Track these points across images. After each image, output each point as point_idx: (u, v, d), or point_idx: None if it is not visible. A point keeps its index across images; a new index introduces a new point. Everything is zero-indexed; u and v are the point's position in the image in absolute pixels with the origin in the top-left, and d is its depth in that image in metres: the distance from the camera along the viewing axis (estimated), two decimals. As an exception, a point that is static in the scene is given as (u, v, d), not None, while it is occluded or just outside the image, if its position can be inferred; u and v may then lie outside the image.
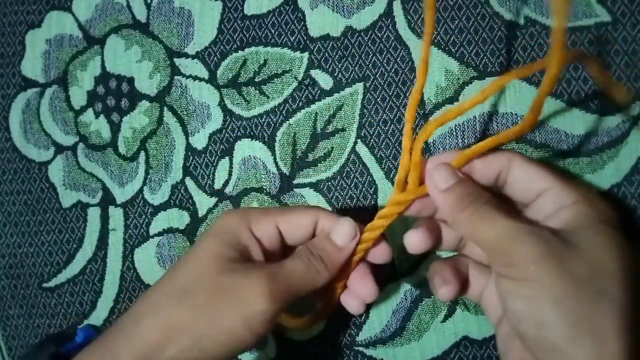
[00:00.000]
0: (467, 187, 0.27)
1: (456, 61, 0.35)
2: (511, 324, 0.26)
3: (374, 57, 0.37)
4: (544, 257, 0.24)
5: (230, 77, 0.40)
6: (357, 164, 0.37)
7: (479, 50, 0.35)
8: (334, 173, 0.38)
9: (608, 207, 0.27)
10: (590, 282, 0.24)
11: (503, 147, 0.32)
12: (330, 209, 0.38)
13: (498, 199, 0.28)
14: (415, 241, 0.29)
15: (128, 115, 0.42)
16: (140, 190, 0.42)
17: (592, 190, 0.27)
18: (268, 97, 0.39)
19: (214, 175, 0.40)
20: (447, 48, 0.36)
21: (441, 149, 0.36)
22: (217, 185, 0.40)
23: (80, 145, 0.43)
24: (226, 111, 0.40)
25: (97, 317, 0.42)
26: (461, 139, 0.35)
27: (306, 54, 0.38)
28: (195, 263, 0.27)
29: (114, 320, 0.27)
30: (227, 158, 0.40)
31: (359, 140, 0.37)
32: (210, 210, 0.40)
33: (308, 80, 0.38)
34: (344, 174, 0.38)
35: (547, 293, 0.24)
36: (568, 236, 0.25)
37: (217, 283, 0.26)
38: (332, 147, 0.38)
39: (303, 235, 0.30)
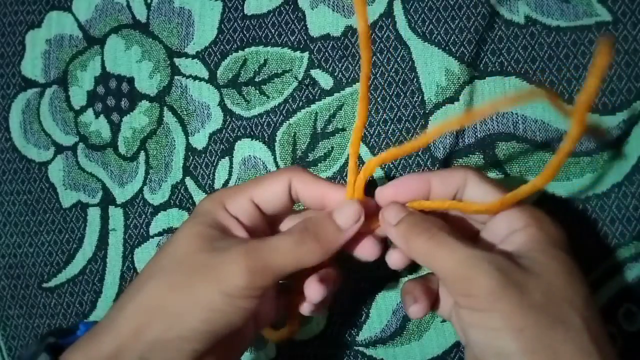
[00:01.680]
0: (419, 216, 0.27)
1: (457, 61, 0.35)
2: (474, 352, 0.25)
3: (374, 57, 0.37)
4: (503, 287, 0.23)
5: (230, 77, 0.40)
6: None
7: (480, 50, 0.35)
8: (334, 173, 0.38)
9: (558, 229, 0.27)
10: (548, 309, 0.23)
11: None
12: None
13: (451, 224, 0.27)
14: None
15: (128, 115, 0.42)
16: (140, 190, 0.42)
17: (542, 213, 0.27)
18: (268, 97, 0.39)
19: (214, 175, 0.40)
20: (447, 48, 0.36)
21: (441, 148, 0.36)
22: (217, 185, 0.40)
23: (80, 145, 0.43)
24: (226, 111, 0.40)
25: (97, 317, 0.42)
26: (461, 138, 0.35)
27: (306, 54, 0.38)
28: (175, 245, 0.27)
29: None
30: (227, 158, 0.40)
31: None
32: (210, 210, 0.40)
33: (308, 80, 0.38)
34: (344, 173, 0.38)
35: (507, 323, 0.23)
36: (523, 261, 0.25)
37: (196, 261, 0.26)
38: (332, 147, 0.38)
39: (280, 204, 0.29)
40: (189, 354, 0.25)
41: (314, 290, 0.28)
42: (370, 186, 0.30)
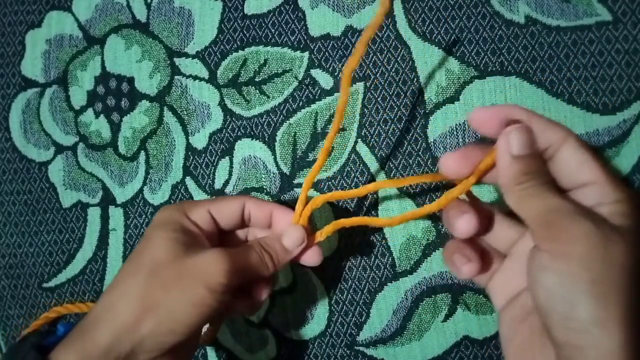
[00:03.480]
0: (535, 165, 0.27)
1: (457, 60, 0.35)
2: (537, 301, 0.25)
3: (374, 57, 0.37)
4: (591, 236, 0.24)
5: (230, 77, 0.40)
6: (358, 163, 0.37)
7: (480, 50, 0.35)
8: (334, 172, 0.38)
9: None
10: (629, 271, 0.24)
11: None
12: (331, 209, 0.38)
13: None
14: (463, 223, 0.29)
15: (128, 115, 0.42)
16: (141, 190, 0.42)
17: (631, 190, 0.28)
18: (268, 97, 0.39)
19: (214, 175, 0.40)
20: (447, 47, 0.36)
21: (442, 148, 0.36)
22: (218, 185, 0.40)
23: (81, 145, 0.43)
24: (226, 111, 0.40)
25: (98, 317, 0.42)
26: (462, 138, 0.35)
27: (306, 54, 0.38)
28: (153, 249, 0.30)
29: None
30: (227, 158, 0.40)
31: (359, 140, 0.37)
32: (210, 210, 0.40)
33: (308, 80, 0.38)
34: (345, 173, 0.38)
35: (587, 273, 0.24)
36: (613, 226, 0.25)
37: (180, 262, 0.29)
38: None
39: (233, 219, 0.33)
40: (172, 345, 0.28)
41: (263, 291, 0.33)
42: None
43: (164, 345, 0.28)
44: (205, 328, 0.36)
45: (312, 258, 0.33)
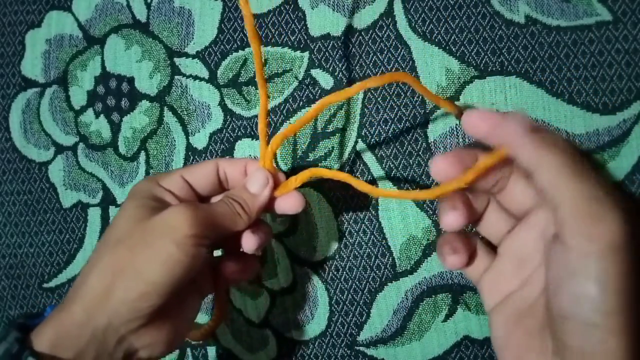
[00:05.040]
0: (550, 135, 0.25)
1: (457, 60, 0.35)
2: (559, 305, 0.24)
3: (374, 57, 0.37)
4: (627, 241, 0.23)
5: (230, 77, 0.40)
6: (358, 163, 0.37)
7: (480, 50, 0.35)
8: (334, 172, 0.38)
9: None
10: (636, 278, 0.23)
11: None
12: (331, 208, 0.38)
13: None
14: (450, 219, 0.28)
15: (128, 115, 0.42)
16: (141, 190, 0.42)
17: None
18: (268, 97, 0.39)
19: (214, 175, 0.40)
20: (447, 47, 0.36)
21: (442, 148, 0.36)
22: (218, 185, 0.40)
23: (81, 145, 0.43)
24: (226, 111, 0.40)
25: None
26: (462, 138, 0.35)
27: (307, 54, 0.38)
28: (121, 218, 0.30)
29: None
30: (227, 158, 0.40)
31: (359, 140, 0.37)
32: (210, 210, 0.40)
33: (309, 80, 0.38)
34: (345, 172, 0.37)
35: (616, 280, 0.23)
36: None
37: (146, 222, 0.29)
38: (332, 147, 0.38)
39: (209, 184, 0.32)
40: (148, 312, 0.27)
41: (249, 240, 0.32)
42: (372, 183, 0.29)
43: (140, 312, 0.27)
44: (201, 324, 0.36)
45: (290, 204, 0.32)
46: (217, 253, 0.35)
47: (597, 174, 0.24)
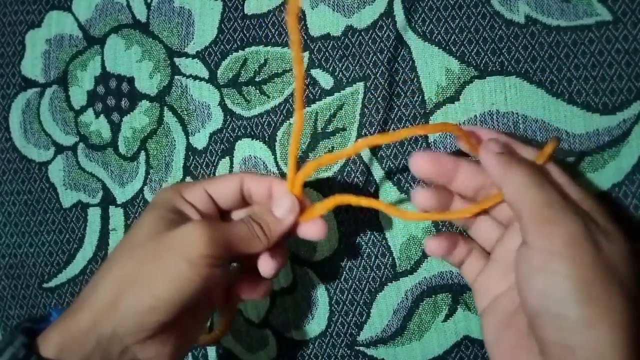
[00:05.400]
0: (519, 157, 0.29)
1: (457, 60, 0.35)
2: (528, 301, 0.26)
3: (374, 57, 0.37)
4: (585, 236, 0.25)
5: (230, 77, 0.40)
6: (358, 163, 0.37)
7: (480, 50, 0.35)
8: (334, 172, 0.38)
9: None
10: (614, 272, 0.24)
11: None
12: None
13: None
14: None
15: (128, 115, 0.42)
16: (141, 190, 0.42)
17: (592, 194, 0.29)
18: (268, 97, 0.39)
19: (214, 175, 0.40)
20: (447, 47, 0.36)
21: (442, 148, 0.36)
22: (218, 185, 0.40)
23: (81, 145, 0.43)
24: (226, 111, 0.40)
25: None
26: (462, 138, 0.35)
27: (307, 54, 0.38)
28: (139, 227, 0.29)
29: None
30: (227, 158, 0.40)
31: (359, 140, 0.37)
32: (210, 210, 0.40)
33: (309, 80, 0.38)
34: (345, 173, 0.38)
35: (578, 272, 0.24)
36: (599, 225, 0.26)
37: (161, 236, 0.28)
38: (332, 147, 0.38)
39: (232, 198, 0.32)
40: (154, 326, 0.27)
41: (267, 264, 0.31)
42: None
43: (146, 326, 0.27)
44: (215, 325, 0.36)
45: (314, 231, 0.31)
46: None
47: (567, 184, 0.28)
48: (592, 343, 0.23)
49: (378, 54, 0.37)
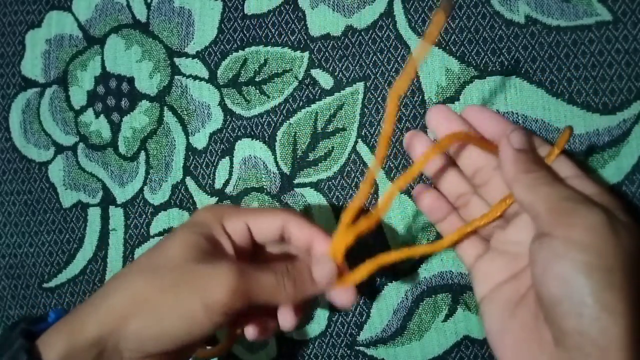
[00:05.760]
0: (538, 157, 0.29)
1: (457, 60, 0.35)
2: (548, 290, 0.25)
3: (374, 57, 0.37)
4: (605, 226, 0.25)
5: (230, 77, 0.40)
6: (358, 163, 0.37)
7: (480, 50, 0.35)
8: (334, 172, 0.38)
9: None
10: (635, 262, 0.25)
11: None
12: (331, 208, 0.38)
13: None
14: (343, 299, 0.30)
15: (128, 115, 0.42)
16: (141, 190, 0.42)
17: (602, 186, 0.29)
18: (268, 97, 0.39)
19: (214, 175, 0.40)
20: (447, 47, 0.36)
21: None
22: (218, 185, 0.40)
23: (81, 145, 0.43)
24: (226, 111, 0.40)
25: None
26: (462, 138, 0.35)
27: (307, 54, 0.38)
28: (169, 248, 0.28)
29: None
30: (227, 158, 0.40)
31: (359, 140, 0.37)
32: (210, 210, 0.40)
33: (308, 80, 0.38)
34: (345, 173, 0.38)
35: (601, 261, 0.24)
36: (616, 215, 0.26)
37: (186, 267, 0.27)
38: (332, 147, 0.38)
39: (271, 236, 0.31)
40: (156, 351, 0.27)
41: (288, 319, 0.30)
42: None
43: (147, 349, 0.27)
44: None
45: (344, 299, 0.30)
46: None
47: (581, 178, 0.28)
48: (610, 329, 0.24)
49: (378, 54, 0.37)
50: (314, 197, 0.38)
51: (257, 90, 0.39)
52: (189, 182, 0.41)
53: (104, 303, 0.27)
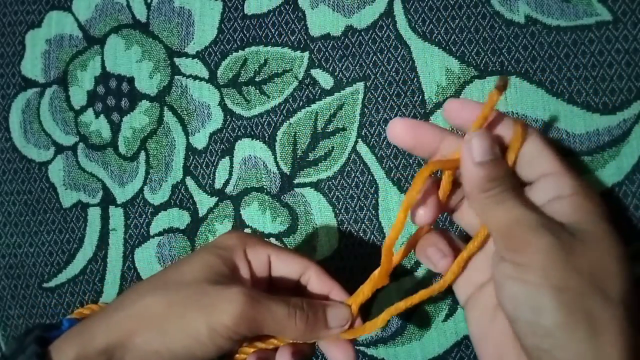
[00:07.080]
0: (499, 170, 0.27)
1: (457, 60, 0.35)
2: (505, 307, 0.26)
3: (374, 57, 0.37)
4: (552, 248, 0.24)
5: (230, 77, 0.40)
6: (358, 163, 0.37)
7: (480, 50, 0.35)
8: (334, 172, 0.38)
9: (601, 200, 0.27)
10: (591, 277, 0.24)
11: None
12: (331, 208, 0.38)
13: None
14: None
15: (128, 115, 0.42)
16: (141, 190, 0.42)
17: (587, 182, 0.28)
18: (268, 97, 0.39)
19: (214, 174, 0.40)
20: (447, 47, 0.36)
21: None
22: (218, 184, 0.40)
23: (81, 145, 0.43)
24: (226, 111, 0.40)
25: (98, 317, 0.42)
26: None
27: (307, 54, 0.38)
28: (185, 266, 0.29)
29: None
30: (227, 158, 0.40)
31: (359, 140, 0.37)
32: (210, 210, 0.40)
33: (308, 80, 0.38)
34: (345, 173, 0.38)
35: (549, 281, 0.24)
36: (571, 228, 0.26)
37: (198, 287, 0.27)
38: (332, 147, 0.38)
39: (289, 275, 0.31)
40: None
41: (285, 358, 0.30)
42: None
43: None
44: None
45: (341, 355, 0.30)
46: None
47: (560, 176, 0.26)
48: (568, 345, 0.24)
49: (378, 54, 0.37)
50: (314, 197, 0.38)
51: (257, 90, 0.39)
52: (189, 182, 0.41)
53: (115, 315, 0.28)
